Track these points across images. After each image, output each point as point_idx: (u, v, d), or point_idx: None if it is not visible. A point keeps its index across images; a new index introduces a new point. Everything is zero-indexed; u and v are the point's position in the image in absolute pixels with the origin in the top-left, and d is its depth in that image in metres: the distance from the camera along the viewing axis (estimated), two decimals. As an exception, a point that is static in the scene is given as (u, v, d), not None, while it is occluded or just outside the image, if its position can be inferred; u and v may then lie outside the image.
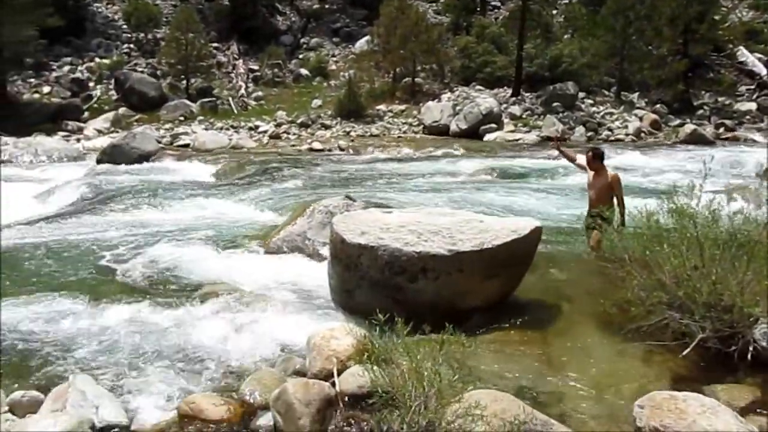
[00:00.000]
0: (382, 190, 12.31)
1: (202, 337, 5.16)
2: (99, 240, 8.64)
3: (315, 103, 27.91)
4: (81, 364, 4.64)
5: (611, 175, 7.19)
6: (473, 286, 5.34)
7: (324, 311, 5.90)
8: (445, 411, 2.78)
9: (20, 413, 3.64)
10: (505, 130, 24.21)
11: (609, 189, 7.13)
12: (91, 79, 28.91)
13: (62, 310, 5.75)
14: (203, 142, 21.00)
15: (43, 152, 17.91)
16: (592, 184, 7.34)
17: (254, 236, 8.66)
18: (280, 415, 3.49)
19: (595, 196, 7.26)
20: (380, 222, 5.65)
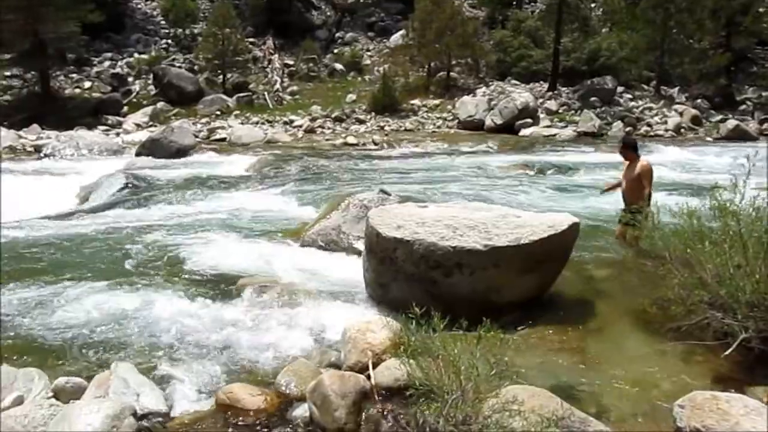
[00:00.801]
0: (416, 185, 12.29)
1: (238, 328, 5.22)
2: (137, 232, 8.81)
3: (349, 98, 27.99)
4: (122, 352, 4.74)
5: (641, 165, 6.98)
6: (509, 281, 5.30)
7: (358, 304, 5.92)
8: (482, 405, 2.77)
9: (64, 399, 3.74)
10: (541, 125, 23.96)
11: (639, 180, 6.92)
12: (131, 74, 29.44)
13: (102, 299, 5.88)
14: (239, 136, 21.23)
15: (84, 146, 18.30)
16: (625, 175, 7.17)
17: (289, 229, 8.74)
18: (316, 407, 3.52)
19: (627, 187, 7.10)
20: (416, 216, 5.65)
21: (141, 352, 4.75)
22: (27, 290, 6.11)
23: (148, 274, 6.71)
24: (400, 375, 3.57)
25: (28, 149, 19.81)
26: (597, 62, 26.94)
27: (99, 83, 28.37)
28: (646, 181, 6.90)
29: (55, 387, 3.87)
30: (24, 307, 5.67)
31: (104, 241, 8.29)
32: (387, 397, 3.62)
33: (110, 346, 4.88)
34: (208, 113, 25.87)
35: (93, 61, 29.69)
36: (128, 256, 7.52)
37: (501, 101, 24.64)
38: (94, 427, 3.07)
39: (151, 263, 7.23)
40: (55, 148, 18.20)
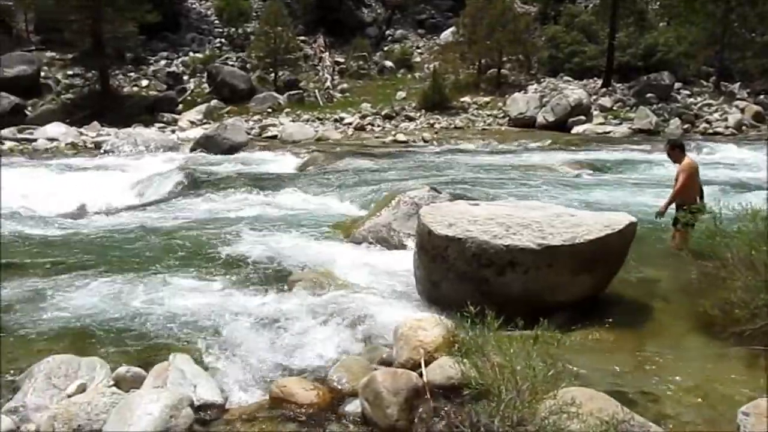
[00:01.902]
0: (466, 183, 12.19)
1: (290, 323, 5.28)
2: (192, 226, 9.02)
3: (399, 95, 27.99)
4: (179, 344, 4.85)
5: (682, 164, 6.93)
6: (563, 281, 5.21)
7: (409, 302, 5.91)
8: (539, 407, 2.73)
9: (125, 387, 3.85)
10: (595, 123, 23.47)
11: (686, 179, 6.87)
12: (186, 72, 30.11)
13: (158, 292, 6.03)
14: (290, 133, 21.49)
15: (141, 142, 18.81)
16: (675, 176, 7.12)
17: (340, 226, 8.79)
18: (368, 403, 3.53)
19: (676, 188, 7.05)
20: (468, 214, 5.60)
21: (196, 344, 4.84)
22: (86, 281, 6.31)
23: (201, 269, 6.84)
24: (453, 373, 3.55)
25: (88, 145, 20.52)
26: (653, 57, 26.20)
27: (155, 82, 29.12)
28: (681, 177, 6.86)
29: (116, 376, 3.99)
30: (85, 297, 5.86)
31: (160, 235, 8.51)
32: (439, 396, 3.60)
33: (167, 338, 5.00)
34: (259, 111, 26.28)
35: (150, 60, 30.49)
36: (183, 250, 7.70)
37: (553, 98, 24.25)
38: (154, 416, 3.15)
39: (205, 258, 7.38)
40: (114, 144, 18.78)
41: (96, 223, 9.33)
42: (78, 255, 7.39)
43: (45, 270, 6.72)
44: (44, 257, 7.30)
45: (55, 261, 7.10)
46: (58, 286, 6.17)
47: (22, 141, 21.31)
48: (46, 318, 5.39)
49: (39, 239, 8.28)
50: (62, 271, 6.65)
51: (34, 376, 3.93)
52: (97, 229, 8.94)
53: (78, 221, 9.61)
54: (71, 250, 7.68)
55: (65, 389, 3.82)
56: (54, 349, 4.59)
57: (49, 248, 7.77)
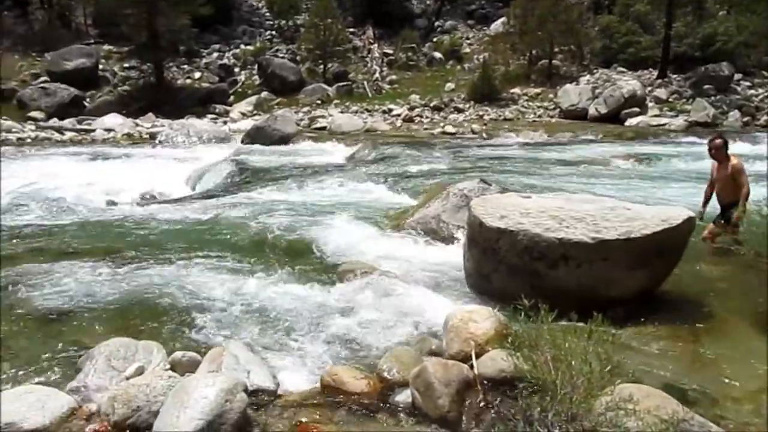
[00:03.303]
0: (516, 175, 12.06)
1: (340, 313, 5.33)
2: (243, 216, 9.16)
3: (448, 87, 27.84)
4: (232, 330, 4.95)
5: (732, 165, 6.75)
6: (617, 276, 5.10)
7: (458, 294, 5.89)
8: (594, 402, 2.68)
9: (180, 371, 3.94)
10: (649, 115, 22.87)
11: (732, 179, 6.73)
12: (237, 65, 30.61)
13: (212, 279, 6.15)
14: (339, 125, 21.63)
15: (194, 133, 19.23)
16: (717, 176, 6.95)
17: (389, 217, 8.80)
18: (419, 393, 3.53)
19: (722, 188, 6.91)
20: (520, 206, 5.54)
21: (249, 332, 4.93)
22: (141, 267, 6.49)
23: (252, 257, 6.94)
24: (505, 366, 3.51)
25: (144, 136, 21.10)
26: (712, 48, 25.35)
27: (208, 74, 29.69)
28: (744, 178, 6.71)
29: (172, 360, 4.09)
30: (141, 282, 6.03)
31: (212, 224, 8.68)
32: (490, 388, 3.58)
33: (220, 324, 5.10)
34: (309, 102, 26.52)
35: (202, 53, 31.10)
36: (235, 239, 7.83)
37: (606, 89, 23.74)
38: (210, 400, 3.21)
39: (255, 247, 7.50)
40: (168, 135, 19.25)
41: (151, 212, 9.57)
42: (133, 242, 7.62)
43: (102, 256, 6.93)
44: (102, 244, 7.54)
45: (112, 248, 7.33)
46: (115, 271, 6.37)
47: (81, 131, 22.07)
48: (104, 302, 5.57)
49: (97, 226, 8.55)
50: (119, 258, 6.86)
51: (95, 358, 4.07)
52: (152, 217, 9.17)
53: (134, 210, 9.88)
54: (127, 237, 7.92)
55: (124, 371, 3.94)
56: (112, 332, 4.74)
57: (106, 235, 8.02)
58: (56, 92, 25.26)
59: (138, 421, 3.34)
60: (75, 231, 8.27)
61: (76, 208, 9.79)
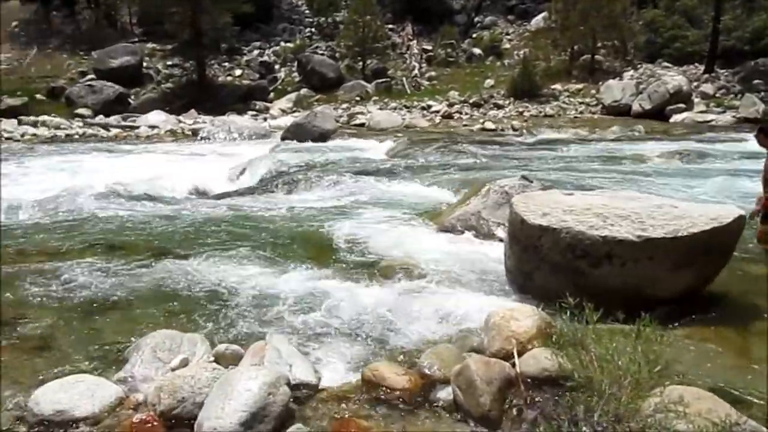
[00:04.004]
0: (557, 172, 11.89)
1: (380, 309, 5.32)
2: (283, 212, 9.26)
3: (487, 83, 27.61)
4: (273, 324, 4.99)
5: None
6: (663, 275, 4.98)
7: (499, 291, 5.83)
8: (642, 404, 2.62)
9: (224, 364, 4.00)
10: (695, 111, 22.30)
11: None
12: (277, 62, 30.90)
13: (254, 273, 6.23)
14: (378, 121, 21.66)
15: (235, 130, 19.48)
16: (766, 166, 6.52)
17: (428, 214, 8.78)
18: (461, 391, 3.51)
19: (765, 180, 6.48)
20: (562, 203, 5.46)
21: (290, 326, 4.97)
22: (186, 261, 6.60)
23: (291, 253, 7.00)
24: (548, 365, 3.47)
25: (186, 132, 21.48)
26: (762, 41, 24.55)
27: (248, 71, 30.05)
28: None
29: (216, 352, 4.15)
30: (186, 275, 6.14)
31: (253, 220, 8.78)
32: (532, 387, 3.54)
33: (260, 318, 5.15)
34: (348, 99, 26.62)
35: (243, 50, 31.49)
36: (273, 234, 7.91)
37: (650, 85, 23.25)
38: (253, 392, 3.26)
39: (294, 242, 7.55)
40: (210, 132, 19.55)
41: (194, 207, 9.74)
42: (176, 236, 7.76)
43: (146, 251, 7.08)
44: (145, 238, 7.70)
45: (155, 242, 7.49)
46: (159, 265, 6.50)
47: (126, 128, 22.59)
48: (149, 294, 5.69)
49: (141, 221, 8.73)
50: (162, 251, 7.00)
51: (141, 349, 4.16)
52: (194, 212, 9.33)
53: (178, 205, 10.07)
54: (170, 231, 8.07)
55: (169, 363, 4.02)
56: (158, 324, 4.84)
57: (149, 230, 8.19)
58: (102, 90, 25.90)
59: (183, 411, 3.40)
60: (121, 225, 8.47)
61: (123, 202, 10.02)
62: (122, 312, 5.30)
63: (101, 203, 9.96)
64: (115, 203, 10.01)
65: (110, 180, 11.26)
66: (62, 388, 3.56)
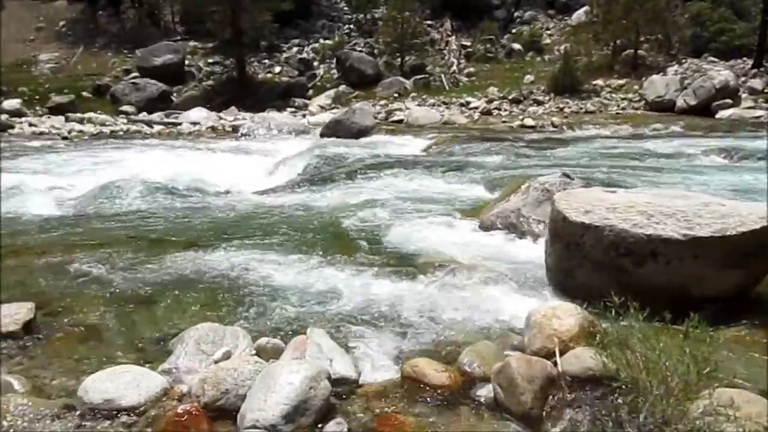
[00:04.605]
0: (599, 169, 11.69)
1: (419, 305, 5.32)
2: (322, 207, 9.34)
3: (527, 79, 27.31)
4: (312, 319, 5.03)
5: None
6: (710, 274, 4.86)
7: (539, 289, 5.77)
8: (690, 406, 2.56)
9: (265, 357, 4.05)
10: (743, 107, 21.67)
11: None
12: (316, 59, 31.10)
13: (293, 268, 6.28)
14: (416, 118, 21.61)
15: (274, 126, 19.68)
16: None
17: (467, 211, 8.75)
18: (501, 389, 3.49)
19: None
20: (606, 201, 5.37)
21: (329, 321, 5.00)
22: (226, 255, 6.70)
23: (330, 248, 7.04)
24: (591, 365, 3.42)
25: (227, 129, 21.82)
26: (815, 34, 23.75)
27: (287, 68, 30.32)
28: None
29: (257, 346, 4.21)
30: (226, 269, 6.23)
31: (290, 215, 8.88)
32: (574, 387, 3.49)
33: (300, 313, 5.20)
34: (386, 95, 26.65)
35: (283, 48, 31.78)
36: (311, 229, 7.98)
37: (695, 80, 22.67)
38: (295, 386, 3.29)
39: (333, 238, 7.61)
40: (250, 128, 19.79)
41: (234, 202, 9.89)
42: (217, 231, 7.88)
43: (189, 243, 7.21)
44: (189, 232, 7.86)
45: (198, 235, 7.63)
46: (202, 258, 6.61)
47: (169, 125, 23.05)
48: (192, 287, 5.79)
49: (184, 215, 8.90)
50: (204, 245, 7.11)
51: (185, 341, 4.24)
52: (235, 207, 9.48)
53: (218, 200, 10.23)
54: (211, 226, 8.21)
55: (212, 355, 4.08)
56: (201, 317, 4.92)
57: (193, 224, 8.34)
58: (146, 87, 26.45)
59: (227, 403, 3.45)
60: (163, 218, 8.65)
61: (166, 197, 10.23)
62: (165, 304, 5.40)
63: (145, 197, 10.19)
64: (158, 198, 10.22)
65: (153, 175, 11.49)
66: (109, 377, 3.65)
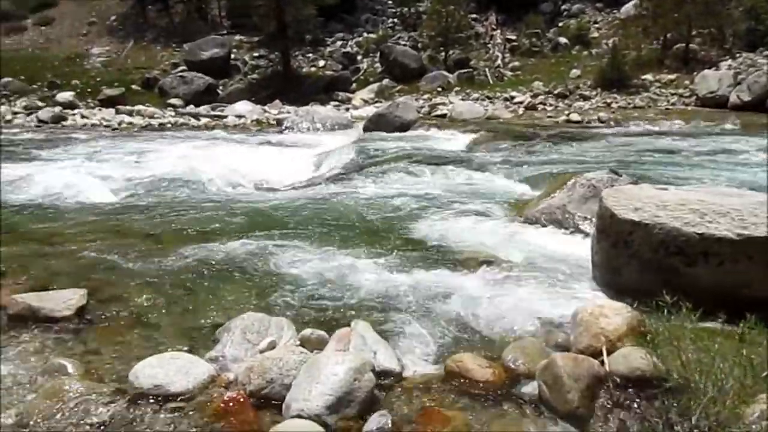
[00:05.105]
0: (648, 166, 11.45)
1: (463, 300, 5.30)
2: (364, 202, 9.34)
3: (573, 73, 26.83)
4: (355, 311, 5.06)
5: None
6: (764, 276, 4.71)
7: (584, 287, 5.68)
8: (744, 410, 2.49)
9: (309, 348, 4.09)
10: (800, 103, 20.86)
11: None
12: (359, 53, 31.13)
13: (334, 260, 6.32)
14: (460, 112, 21.45)
15: (318, 120, 19.79)
16: None
17: (511, 206, 8.66)
18: (547, 386, 3.45)
19: None
20: (656, 198, 5.25)
21: (371, 313, 5.02)
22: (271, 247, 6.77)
23: (372, 242, 7.06)
24: (639, 365, 3.36)
25: (271, 122, 22.06)
26: None
27: (331, 62, 30.44)
28: None
29: (302, 336, 4.25)
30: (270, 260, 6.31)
31: (335, 209, 8.92)
32: (622, 386, 3.43)
33: (342, 305, 5.23)
34: (429, 89, 26.53)
35: (327, 42, 31.90)
36: (356, 224, 8.01)
37: (750, 75, 21.91)
38: (340, 377, 3.32)
39: (375, 232, 7.62)
40: (294, 122, 19.94)
41: (278, 195, 10.00)
42: (261, 224, 7.97)
43: (234, 235, 7.32)
44: (234, 223, 7.98)
45: (242, 227, 7.74)
46: (246, 249, 6.70)
47: (215, 117, 23.43)
48: (237, 277, 5.89)
49: (230, 207, 9.04)
50: (249, 237, 7.20)
51: (232, 331, 4.32)
52: (279, 200, 9.59)
53: (262, 192, 10.36)
54: (255, 218, 8.31)
55: (257, 345, 4.15)
56: (245, 307, 5.00)
57: (238, 215, 8.46)
58: (193, 80, 26.91)
59: (272, 392, 3.51)
60: (209, 210, 8.79)
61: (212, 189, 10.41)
62: (211, 293, 5.50)
63: (191, 189, 10.39)
64: (204, 189, 10.42)
65: (199, 167, 11.70)
66: (159, 363, 3.74)
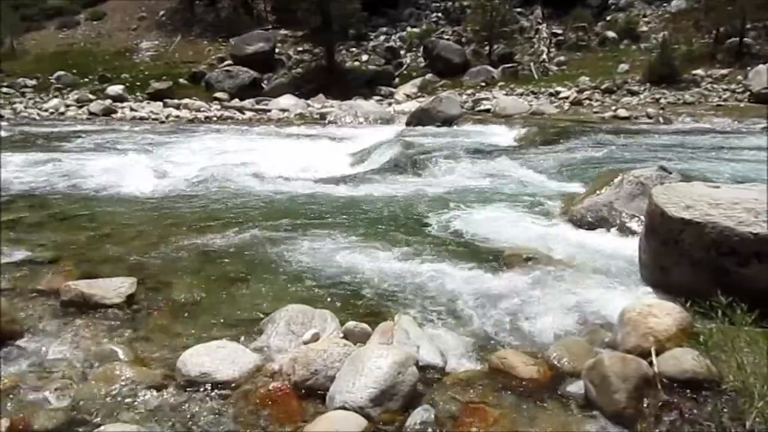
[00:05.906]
0: (699, 163, 11.15)
1: (505, 298, 5.24)
2: (407, 197, 9.34)
3: (621, 68, 26.32)
4: (398, 305, 5.06)
5: None
6: (821, 279, 4.54)
7: (631, 286, 5.56)
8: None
9: (352, 341, 4.11)
10: None
11: None
12: (402, 47, 31.13)
13: (377, 254, 6.33)
14: (503, 107, 21.25)
15: (361, 114, 19.87)
16: None
17: (555, 203, 8.54)
18: (593, 386, 3.40)
19: None
20: (708, 197, 5.10)
21: (414, 308, 5.01)
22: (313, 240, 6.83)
23: (414, 237, 7.05)
24: (690, 366, 3.28)
25: (314, 116, 22.22)
26: None
27: (374, 56, 30.51)
28: None
29: (345, 329, 4.28)
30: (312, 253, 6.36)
31: (378, 202, 8.94)
32: (671, 388, 3.36)
33: (386, 299, 5.24)
34: (473, 84, 26.37)
35: (370, 36, 32.00)
36: (400, 219, 8.01)
37: (808, 70, 21.12)
38: (383, 371, 3.33)
39: (418, 227, 7.61)
40: (337, 115, 20.08)
41: (322, 188, 10.06)
42: (306, 216, 8.06)
43: (279, 227, 7.41)
44: (279, 216, 8.06)
45: (287, 220, 7.81)
46: (290, 242, 6.77)
47: (259, 111, 23.73)
48: (281, 269, 5.95)
49: (276, 200, 9.15)
50: (293, 230, 7.29)
51: (276, 322, 4.37)
52: (323, 193, 9.65)
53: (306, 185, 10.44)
54: (300, 211, 8.40)
55: (301, 336, 4.19)
56: (289, 299, 5.05)
57: (283, 208, 8.57)
58: (238, 75, 27.32)
59: (316, 383, 3.54)
60: (254, 202, 8.92)
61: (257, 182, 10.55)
62: (256, 284, 5.57)
63: (237, 181, 10.54)
64: (250, 182, 10.55)
65: (245, 159, 11.87)
66: (206, 352, 3.82)
